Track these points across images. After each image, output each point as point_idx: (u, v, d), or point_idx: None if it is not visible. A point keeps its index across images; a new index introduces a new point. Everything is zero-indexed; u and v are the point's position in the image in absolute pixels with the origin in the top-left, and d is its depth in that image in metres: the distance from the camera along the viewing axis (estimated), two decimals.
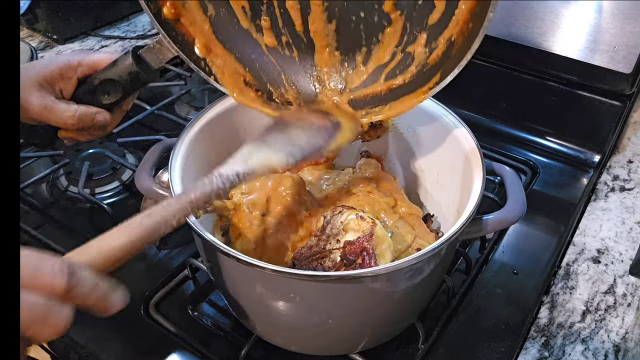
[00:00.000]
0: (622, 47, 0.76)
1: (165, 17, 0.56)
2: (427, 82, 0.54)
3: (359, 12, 0.56)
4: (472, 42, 0.47)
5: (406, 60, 0.56)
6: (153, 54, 0.57)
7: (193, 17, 0.57)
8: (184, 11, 0.57)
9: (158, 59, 0.58)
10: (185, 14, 0.57)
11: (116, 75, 0.57)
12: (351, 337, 0.56)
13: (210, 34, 0.59)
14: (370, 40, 0.57)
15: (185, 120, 0.94)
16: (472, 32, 0.48)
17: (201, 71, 0.58)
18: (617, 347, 0.60)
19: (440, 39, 0.52)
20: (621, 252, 0.71)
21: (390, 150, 0.71)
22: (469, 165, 0.57)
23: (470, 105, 0.92)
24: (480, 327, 0.62)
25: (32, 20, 1.18)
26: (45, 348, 0.69)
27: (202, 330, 0.62)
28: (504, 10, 0.83)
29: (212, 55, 0.59)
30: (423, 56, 0.54)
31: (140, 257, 0.69)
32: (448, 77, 0.51)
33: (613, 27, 0.75)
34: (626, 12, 0.74)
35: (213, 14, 0.58)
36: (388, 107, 0.57)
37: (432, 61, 0.54)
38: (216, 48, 0.59)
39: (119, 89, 0.58)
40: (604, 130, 0.85)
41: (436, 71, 0.53)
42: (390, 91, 0.58)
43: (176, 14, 0.57)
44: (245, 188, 0.59)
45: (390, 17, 0.55)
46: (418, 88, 0.55)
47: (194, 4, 0.57)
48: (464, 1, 0.48)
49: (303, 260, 0.53)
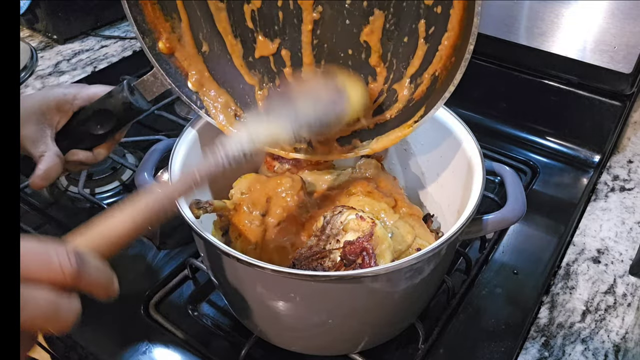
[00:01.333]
0: (622, 47, 0.76)
1: (160, 51, 0.57)
2: (412, 116, 0.55)
3: (347, 49, 0.57)
4: (455, 74, 0.49)
5: (392, 97, 0.58)
6: (147, 87, 0.58)
7: (187, 52, 0.59)
8: (178, 46, 0.58)
9: (151, 91, 0.58)
10: (179, 49, 0.58)
11: (110, 105, 0.57)
12: (351, 337, 0.56)
13: (204, 69, 0.60)
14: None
15: (185, 120, 0.94)
16: (454, 66, 0.49)
17: (193, 104, 0.60)
18: (617, 347, 0.60)
19: (425, 74, 0.54)
20: (621, 252, 0.71)
21: (390, 150, 0.71)
22: (469, 165, 0.57)
23: (470, 105, 0.92)
24: (480, 327, 0.62)
25: (32, 20, 1.18)
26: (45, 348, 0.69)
27: (202, 330, 0.62)
28: (504, 10, 0.83)
29: (205, 89, 0.60)
30: (408, 92, 0.56)
31: (140, 257, 0.69)
32: (432, 110, 0.52)
33: (613, 27, 0.75)
34: (626, 12, 0.74)
35: (207, 50, 0.60)
36: (375, 141, 0.59)
37: (418, 96, 0.55)
38: (208, 83, 0.61)
39: (112, 119, 0.58)
40: (604, 130, 0.85)
41: (421, 105, 0.54)
42: (376, 126, 0.59)
43: (171, 48, 0.58)
44: (245, 188, 0.59)
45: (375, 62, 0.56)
46: (404, 122, 0.56)
47: (189, 40, 0.59)
48: (447, 37, 0.50)
49: (303, 261, 0.53)
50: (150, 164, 0.58)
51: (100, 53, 1.15)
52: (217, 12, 0.57)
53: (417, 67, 0.54)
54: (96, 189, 0.81)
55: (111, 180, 0.83)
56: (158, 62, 0.57)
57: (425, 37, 0.52)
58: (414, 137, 0.68)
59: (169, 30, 0.57)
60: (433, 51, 0.52)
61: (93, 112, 0.58)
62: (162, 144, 0.60)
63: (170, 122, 0.93)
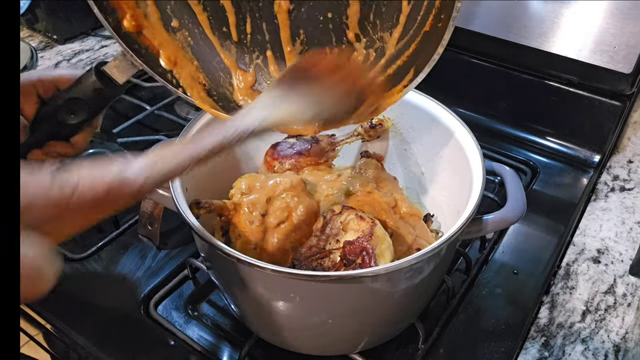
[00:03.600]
0: (622, 47, 0.76)
1: (126, 30, 0.54)
2: (401, 81, 0.53)
3: (326, 13, 0.55)
4: (443, 34, 0.47)
5: (379, 60, 0.55)
6: (116, 69, 0.55)
7: (155, 29, 0.55)
8: (145, 23, 0.55)
9: (122, 74, 0.55)
10: (147, 26, 0.55)
11: (80, 93, 0.54)
12: (351, 337, 0.56)
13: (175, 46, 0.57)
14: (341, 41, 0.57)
15: (185, 120, 0.94)
16: (442, 26, 0.47)
17: (168, 84, 0.56)
18: (617, 347, 0.60)
19: (410, 34, 0.52)
20: (621, 252, 0.71)
21: (390, 150, 0.71)
22: (469, 165, 0.57)
23: (470, 105, 0.92)
24: (480, 327, 0.62)
25: (32, 20, 1.18)
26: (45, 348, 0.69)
27: (202, 330, 0.62)
28: (504, 10, 0.83)
29: (178, 67, 0.57)
30: (395, 54, 0.54)
31: (140, 257, 0.69)
32: (421, 74, 0.50)
33: (613, 27, 0.75)
34: (626, 12, 0.74)
35: (177, 26, 0.57)
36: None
37: (405, 59, 0.53)
38: (182, 60, 0.57)
39: (84, 107, 0.55)
40: (604, 130, 0.85)
41: (409, 68, 0.52)
42: None
43: (137, 26, 0.54)
44: (245, 188, 0.59)
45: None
46: (393, 88, 0.53)
47: (156, 17, 0.55)
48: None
49: (303, 260, 0.53)
50: None
51: (100, 53, 1.15)
52: None
53: (402, 29, 0.52)
54: None
55: None
56: (125, 42, 0.53)
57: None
58: (414, 137, 0.68)
59: (133, 7, 0.53)
60: (417, 11, 0.50)
61: (63, 101, 0.55)
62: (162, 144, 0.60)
63: (170, 122, 0.93)
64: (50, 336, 0.66)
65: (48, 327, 0.62)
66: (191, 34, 0.58)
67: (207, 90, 0.58)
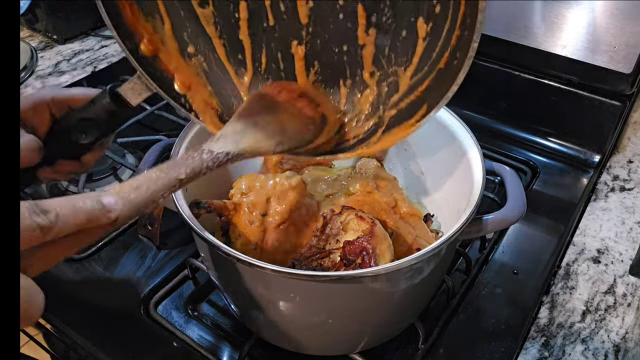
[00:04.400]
0: (622, 47, 0.76)
1: (143, 54, 0.54)
2: (413, 115, 0.53)
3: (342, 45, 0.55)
4: (458, 73, 0.47)
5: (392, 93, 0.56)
6: (131, 92, 0.55)
7: (172, 53, 0.56)
8: (162, 47, 0.55)
9: (136, 96, 0.55)
10: (163, 51, 0.55)
11: (94, 114, 0.55)
12: (351, 337, 0.56)
13: (190, 71, 0.57)
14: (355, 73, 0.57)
15: (185, 120, 0.94)
16: (457, 63, 0.48)
17: (182, 108, 0.57)
18: (617, 347, 0.60)
19: (424, 71, 0.52)
20: (621, 252, 0.71)
21: (390, 150, 0.71)
22: (469, 165, 0.57)
23: (470, 105, 0.92)
24: (480, 327, 0.62)
25: (32, 20, 1.18)
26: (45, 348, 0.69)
27: (202, 330, 0.62)
28: (504, 10, 0.83)
29: (192, 91, 0.58)
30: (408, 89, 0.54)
31: (140, 257, 0.69)
32: (435, 109, 0.51)
33: (613, 27, 0.75)
34: (626, 12, 0.74)
35: (193, 52, 0.57)
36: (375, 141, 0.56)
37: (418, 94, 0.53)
38: (196, 85, 0.58)
39: (96, 128, 0.55)
40: (604, 130, 0.85)
41: (422, 104, 0.53)
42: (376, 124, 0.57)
43: (154, 50, 0.55)
44: (245, 188, 0.59)
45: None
46: (405, 121, 0.54)
47: (172, 41, 0.55)
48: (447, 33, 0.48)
49: (303, 261, 0.53)
50: (150, 164, 0.58)
51: (100, 53, 1.15)
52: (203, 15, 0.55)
53: (417, 65, 0.53)
54: (96, 189, 0.81)
55: (111, 181, 0.83)
56: (141, 65, 0.54)
57: (424, 35, 0.51)
58: (414, 137, 0.68)
59: (151, 32, 0.54)
60: (432, 48, 0.51)
61: (76, 120, 0.55)
62: (162, 144, 0.60)
63: (170, 122, 0.93)
64: (50, 336, 0.66)
65: (48, 327, 0.62)
66: (206, 59, 0.58)
67: (219, 115, 0.59)
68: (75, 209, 0.34)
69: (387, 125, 0.57)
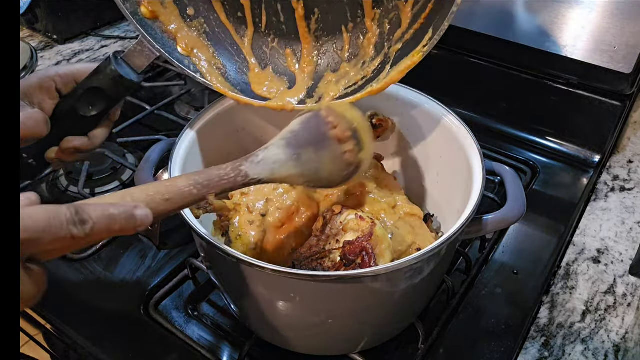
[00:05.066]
0: (622, 47, 0.76)
1: (143, 16, 0.55)
2: (420, 42, 0.53)
3: None
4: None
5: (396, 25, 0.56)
6: (135, 57, 0.55)
7: (172, 15, 0.56)
8: (162, 9, 0.56)
9: (141, 62, 0.55)
10: (163, 13, 0.56)
11: (99, 82, 0.54)
12: (351, 337, 0.56)
13: (191, 32, 0.58)
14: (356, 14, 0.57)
15: (185, 120, 0.94)
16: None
17: (186, 69, 0.57)
18: (617, 347, 0.60)
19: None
20: (621, 252, 0.71)
21: (390, 150, 0.71)
22: (469, 165, 0.57)
23: (470, 105, 0.92)
24: (480, 327, 0.62)
25: (32, 20, 1.18)
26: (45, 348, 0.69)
27: (202, 330, 0.62)
28: (504, 10, 0.83)
29: (195, 53, 0.58)
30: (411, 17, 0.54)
31: (140, 257, 0.69)
32: (440, 31, 0.50)
33: (613, 27, 0.75)
34: (626, 12, 0.74)
35: (192, 13, 0.58)
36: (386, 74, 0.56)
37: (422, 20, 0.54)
38: (199, 46, 0.58)
39: (103, 97, 0.55)
40: (604, 130, 0.85)
41: (427, 28, 0.52)
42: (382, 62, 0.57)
43: (154, 12, 0.55)
44: (246, 188, 0.59)
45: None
46: (412, 50, 0.54)
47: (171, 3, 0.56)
48: None
49: (303, 261, 0.53)
50: (150, 164, 0.57)
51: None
52: None
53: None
54: (96, 189, 0.81)
55: (111, 180, 0.83)
56: (143, 28, 0.54)
57: None
58: (414, 137, 0.68)
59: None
60: None
61: (82, 91, 0.54)
62: (162, 144, 0.60)
63: (170, 122, 0.93)
64: (50, 336, 0.66)
65: (48, 327, 0.62)
66: (207, 21, 0.59)
67: (224, 76, 0.59)
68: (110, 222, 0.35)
69: (394, 59, 0.56)
